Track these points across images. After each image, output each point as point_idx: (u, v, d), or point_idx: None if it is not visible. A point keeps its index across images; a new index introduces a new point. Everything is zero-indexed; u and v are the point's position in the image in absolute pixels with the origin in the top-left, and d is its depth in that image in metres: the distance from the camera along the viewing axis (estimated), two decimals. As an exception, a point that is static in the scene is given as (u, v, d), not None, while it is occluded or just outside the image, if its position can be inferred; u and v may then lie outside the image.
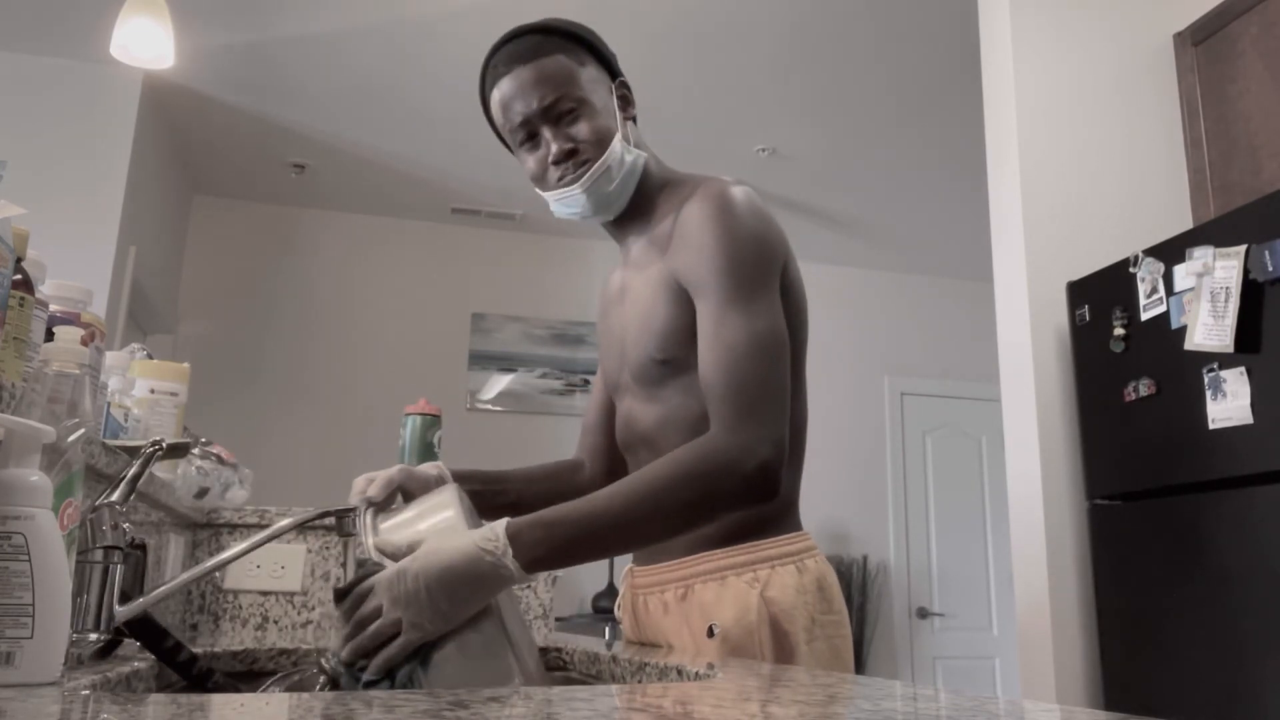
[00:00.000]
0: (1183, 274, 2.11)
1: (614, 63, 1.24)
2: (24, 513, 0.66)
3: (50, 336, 1.09)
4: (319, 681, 0.94)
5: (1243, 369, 1.97)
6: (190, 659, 0.94)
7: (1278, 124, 2.38)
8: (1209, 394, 2.03)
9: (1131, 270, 2.26)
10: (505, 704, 0.57)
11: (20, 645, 0.64)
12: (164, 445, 1.00)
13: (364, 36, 3.54)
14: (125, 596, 0.92)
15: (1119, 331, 2.27)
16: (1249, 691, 1.90)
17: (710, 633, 1.12)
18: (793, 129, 4.16)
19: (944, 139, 4.20)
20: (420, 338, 5.01)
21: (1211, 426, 2.02)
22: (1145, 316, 2.21)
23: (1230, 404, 1.98)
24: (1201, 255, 2.06)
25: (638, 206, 1.23)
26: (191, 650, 0.95)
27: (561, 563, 0.97)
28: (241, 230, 4.92)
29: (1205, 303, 2.03)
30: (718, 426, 1.02)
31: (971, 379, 5.66)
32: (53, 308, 1.19)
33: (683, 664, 0.92)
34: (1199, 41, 2.65)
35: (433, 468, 1.16)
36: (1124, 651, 2.20)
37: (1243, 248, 1.98)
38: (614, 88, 1.22)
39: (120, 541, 0.91)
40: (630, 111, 1.23)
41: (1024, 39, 2.69)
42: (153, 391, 1.55)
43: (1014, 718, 0.55)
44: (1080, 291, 2.42)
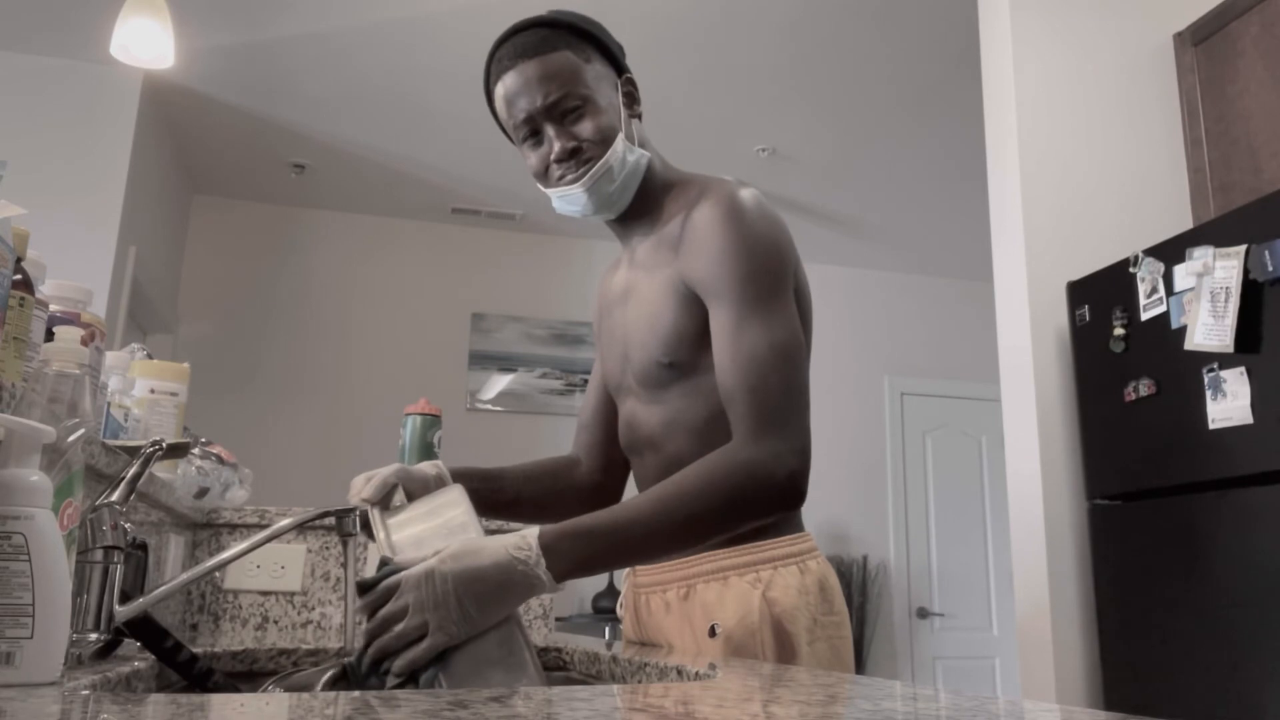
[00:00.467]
0: (1183, 274, 2.11)
1: (620, 58, 1.21)
2: (24, 513, 0.66)
3: (50, 336, 1.09)
4: (324, 678, 0.94)
5: (1243, 369, 1.97)
6: (190, 659, 0.94)
7: (1278, 124, 2.38)
8: (1209, 394, 2.03)
9: (1131, 270, 2.26)
10: (505, 704, 0.57)
11: (20, 645, 0.64)
12: (164, 445, 1.00)
13: (364, 36, 3.54)
14: (125, 596, 0.92)
15: (1119, 331, 2.27)
16: (1249, 691, 1.89)
17: (712, 633, 1.12)
18: (793, 129, 4.16)
19: (944, 139, 4.20)
20: (420, 338, 5.01)
21: (1211, 426, 2.02)
22: (1145, 316, 2.21)
23: (1230, 404, 1.98)
24: (1201, 255, 2.06)
25: (642, 205, 1.22)
26: (191, 650, 0.95)
27: (589, 571, 0.96)
28: (241, 230, 4.92)
29: (1205, 303, 2.03)
30: (743, 436, 1.02)
31: (971, 379, 5.66)
32: (53, 308, 1.19)
33: (683, 664, 0.91)
34: (1199, 41, 2.65)
35: (431, 467, 1.15)
36: (1124, 651, 2.20)
37: (1243, 248, 1.98)
38: (620, 84, 1.20)
39: (121, 541, 0.91)
40: (635, 109, 1.22)
41: (1024, 39, 2.69)
42: (153, 391, 1.55)
43: (1014, 718, 0.54)
44: (1080, 291, 2.42)
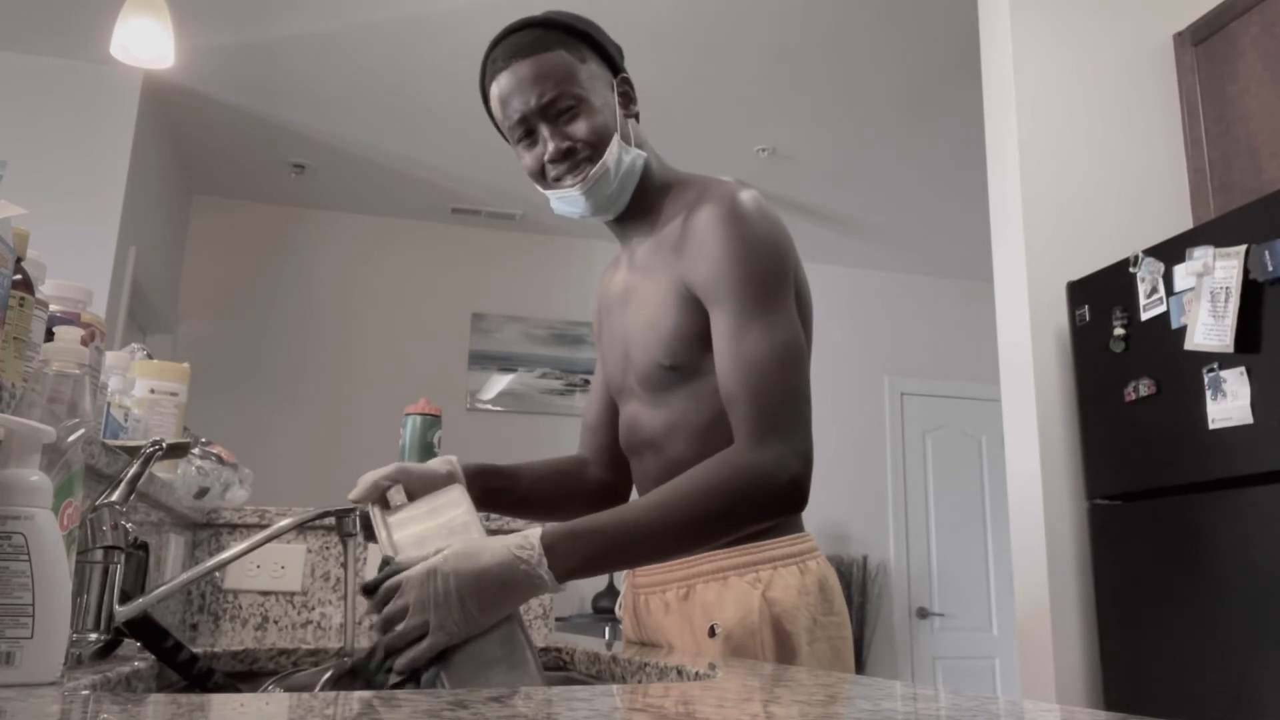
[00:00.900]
0: (1183, 274, 2.11)
1: (617, 58, 1.21)
2: (24, 513, 0.66)
3: (50, 336, 1.09)
4: (325, 677, 0.94)
5: (1243, 369, 1.97)
6: (190, 659, 0.94)
7: (1278, 124, 2.38)
8: (1209, 394, 2.03)
9: (1131, 270, 2.26)
10: (505, 704, 0.57)
11: (20, 645, 0.64)
12: (164, 445, 1.00)
13: (364, 36, 3.54)
14: (125, 596, 0.91)
15: (1119, 331, 2.27)
16: (1249, 691, 1.89)
17: (712, 633, 1.12)
18: (793, 129, 4.16)
19: (944, 139, 4.20)
20: (420, 338, 5.01)
21: (1211, 426, 2.02)
22: (1145, 316, 2.21)
23: (1230, 404, 1.98)
24: (1201, 255, 2.06)
25: (641, 206, 1.21)
26: (191, 650, 0.95)
27: (591, 572, 0.96)
28: (241, 230, 4.92)
29: (1205, 303, 2.03)
30: (745, 440, 1.01)
31: (971, 379, 5.66)
32: (53, 308, 1.19)
33: (683, 664, 0.91)
34: (1199, 41, 2.65)
35: (443, 464, 1.14)
36: (1124, 651, 2.20)
37: (1243, 248, 1.98)
38: (615, 84, 1.19)
39: (121, 541, 0.91)
40: (632, 109, 1.21)
41: (1024, 39, 2.69)
42: (153, 391, 1.55)
43: (1014, 718, 0.54)
44: (1080, 291, 2.42)
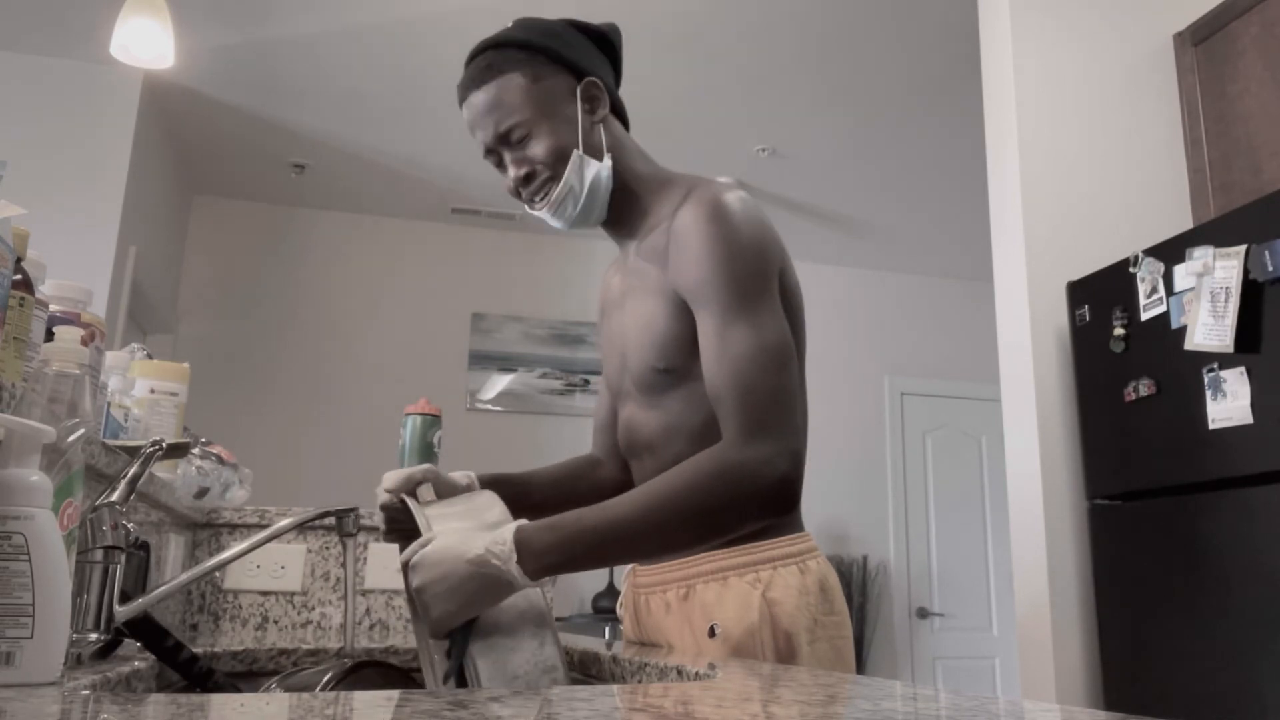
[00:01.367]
0: (1183, 274, 2.11)
1: (580, 61, 1.18)
2: (24, 513, 0.66)
3: (50, 336, 1.09)
4: (326, 677, 0.98)
5: (1243, 369, 1.97)
6: (190, 659, 0.94)
7: (1278, 124, 2.38)
8: (1209, 394, 2.03)
9: (1131, 270, 2.26)
10: (505, 704, 0.57)
11: (20, 645, 0.64)
12: (164, 445, 1.00)
13: (364, 36, 3.54)
14: (125, 596, 0.92)
15: (1119, 331, 2.27)
16: (1249, 691, 1.89)
17: (712, 633, 1.12)
18: (793, 129, 4.16)
19: (944, 139, 4.20)
20: (420, 338, 5.01)
21: (1211, 426, 2.02)
22: (1145, 316, 2.21)
23: (1230, 404, 1.98)
24: (1201, 255, 2.06)
25: (626, 210, 1.21)
26: (191, 650, 0.95)
27: (569, 569, 0.97)
28: (241, 230, 4.92)
29: (1205, 303, 2.03)
30: (732, 438, 1.00)
31: (971, 379, 5.66)
32: (53, 308, 1.19)
33: (683, 664, 0.91)
34: (1199, 41, 2.65)
35: (462, 476, 1.17)
36: (1124, 651, 2.20)
37: (1243, 248, 1.98)
38: (581, 89, 1.18)
39: (121, 541, 0.91)
40: (600, 113, 1.19)
41: (1024, 39, 2.69)
42: (153, 391, 1.55)
43: (1014, 718, 0.54)
44: (1080, 291, 2.42)
